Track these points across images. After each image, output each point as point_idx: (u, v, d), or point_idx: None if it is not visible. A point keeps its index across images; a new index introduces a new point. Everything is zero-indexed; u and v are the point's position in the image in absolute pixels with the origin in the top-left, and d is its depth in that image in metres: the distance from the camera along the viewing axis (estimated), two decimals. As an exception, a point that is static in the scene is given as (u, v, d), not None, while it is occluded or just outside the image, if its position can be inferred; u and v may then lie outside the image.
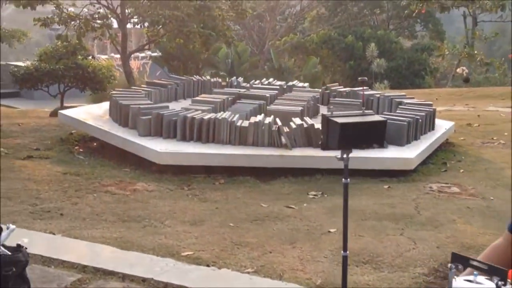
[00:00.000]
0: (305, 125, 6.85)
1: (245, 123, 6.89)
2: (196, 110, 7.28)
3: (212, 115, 6.93)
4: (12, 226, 3.71)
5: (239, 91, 8.85)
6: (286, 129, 6.77)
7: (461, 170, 6.99)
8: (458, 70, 22.75)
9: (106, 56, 20.88)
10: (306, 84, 10.10)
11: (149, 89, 8.82)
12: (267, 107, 7.68)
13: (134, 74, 18.98)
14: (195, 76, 10.58)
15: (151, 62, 20.90)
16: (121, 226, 4.93)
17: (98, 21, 12.50)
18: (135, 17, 12.64)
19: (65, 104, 13.24)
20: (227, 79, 19.06)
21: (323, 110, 8.71)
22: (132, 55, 23.80)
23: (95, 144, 8.07)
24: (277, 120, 6.92)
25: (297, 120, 7.03)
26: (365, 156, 6.69)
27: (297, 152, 6.68)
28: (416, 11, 18.23)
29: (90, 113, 8.34)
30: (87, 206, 5.37)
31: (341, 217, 5.26)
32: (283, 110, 7.43)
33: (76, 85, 14.14)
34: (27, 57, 20.30)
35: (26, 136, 8.45)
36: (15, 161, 6.89)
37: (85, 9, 12.70)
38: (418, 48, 27.84)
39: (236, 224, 5.08)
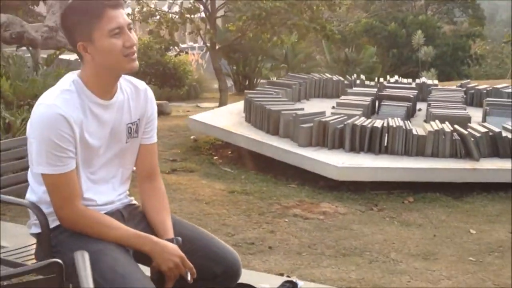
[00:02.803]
0: (490, 133, 6.06)
1: (421, 131, 6.12)
2: (353, 116, 6.50)
3: (383, 122, 6.16)
4: (300, 283, 3.00)
5: (375, 91, 8.06)
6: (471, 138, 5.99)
7: None
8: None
9: (186, 46, 20.24)
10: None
11: (276, 89, 8.07)
12: (432, 112, 6.87)
13: (192, 67, 18.28)
14: (314, 74, 9.77)
15: (208, 54, 20.21)
16: (346, 262, 4.19)
17: (186, 15, 11.77)
18: (226, 10, 11.89)
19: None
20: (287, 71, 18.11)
21: (471, 111, 7.90)
22: (189, 47, 23.02)
23: (229, 152, 7.36)
24: (457, 127, 6.14)
25: (478, 127, 6.24)
26: None
27: (487, 164, 5.89)
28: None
29: (221, 118, 7.61)
30: (289, 236, 4.64)
31: None
32: (454, 115, 6.64)
33: (155, 82, 13.52)
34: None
35: (149, 144, 7.74)
36: (164, 175, 6.17)
37: (174, 2, 12.00)
38: (463, 35, 26.69)
39: (476, 258, 4.32)
